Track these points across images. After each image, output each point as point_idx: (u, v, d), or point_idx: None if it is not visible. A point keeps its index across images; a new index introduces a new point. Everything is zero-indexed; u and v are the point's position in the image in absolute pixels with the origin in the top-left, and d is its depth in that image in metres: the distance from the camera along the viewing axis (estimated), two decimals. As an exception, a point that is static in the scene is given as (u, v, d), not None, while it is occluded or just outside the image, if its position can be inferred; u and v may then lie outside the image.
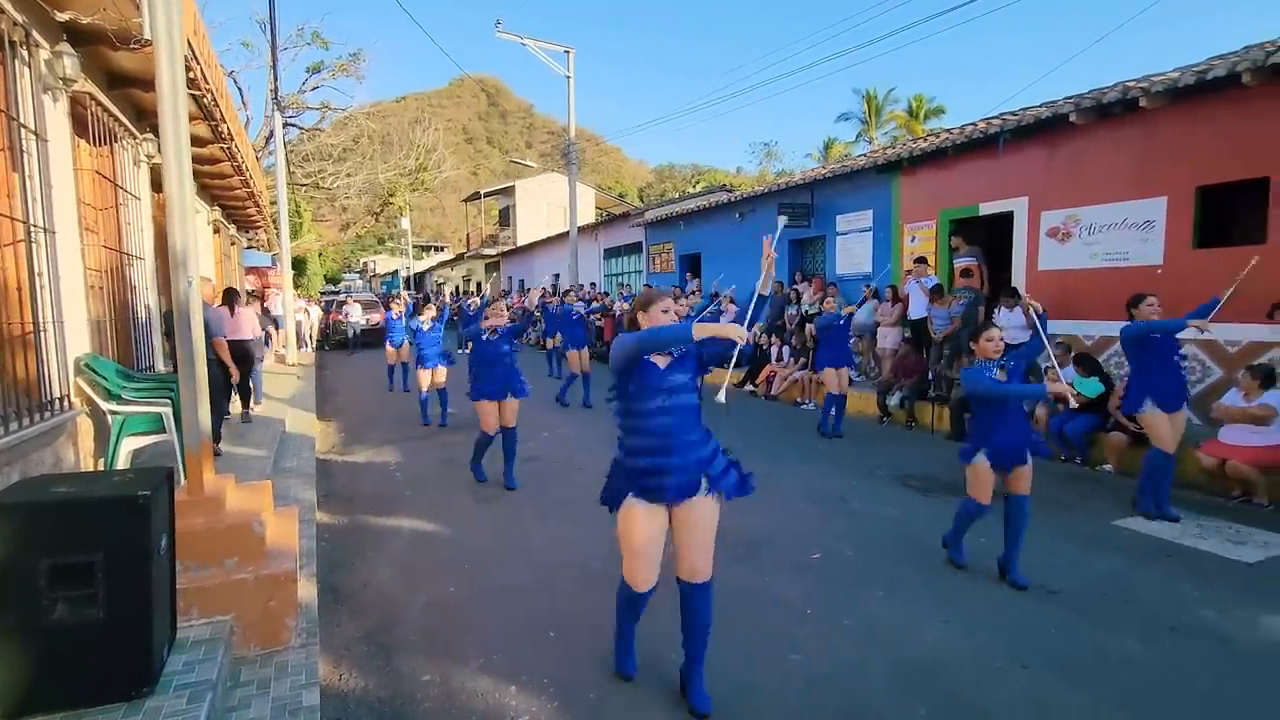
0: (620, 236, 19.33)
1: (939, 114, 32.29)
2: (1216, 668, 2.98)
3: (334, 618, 3.64)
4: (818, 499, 5.47)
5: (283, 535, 3.48)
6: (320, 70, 19.33)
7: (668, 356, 2.81)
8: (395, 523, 5.12)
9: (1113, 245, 7.41)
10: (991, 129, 8.39)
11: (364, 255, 64.71)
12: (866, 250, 10.77)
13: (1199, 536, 4.54)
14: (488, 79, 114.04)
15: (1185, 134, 6.72)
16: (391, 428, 8.58)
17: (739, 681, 2.95)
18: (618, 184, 60.36)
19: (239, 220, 12.74)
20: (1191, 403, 6.54)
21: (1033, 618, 3.46)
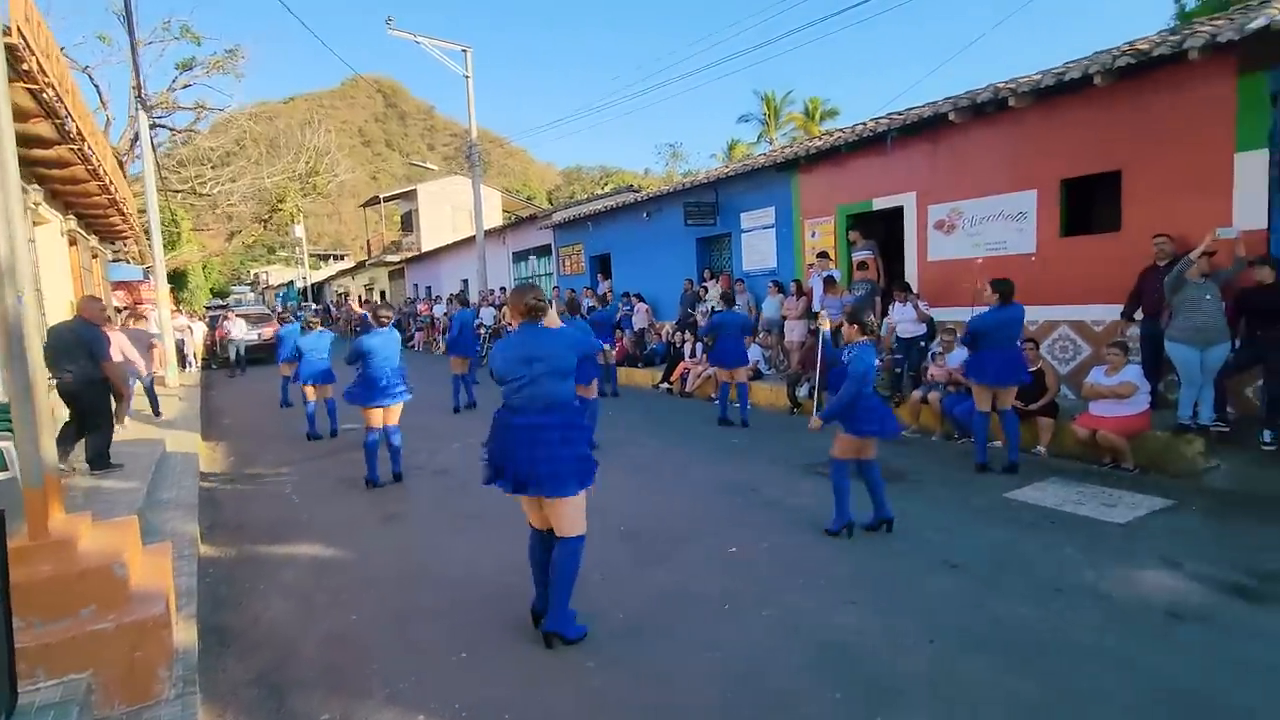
0: (529, 239, 19.01)
1: (833, 115, 33.76)
2: (1097, 624, 3.19)
3: (218, 661, 3.31)
4: (732, 491, 5.51)
5: (152, 576, 3.13)
6: (192, 67, 17.87)
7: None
8: (291, 550, 4.75)
9: (992, 235, 7.93)
10: (880, 128, 8.79)
11: (255, 266, 60.72)
12: (771, 246, 11.06)
13: (1077, 503, 4.89)
14: (384, 80, 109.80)
15: (1049, 131, 7.28)
16: (288, 447, 8.02)
17: (658, 686, 2.89)
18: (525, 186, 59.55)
19: (101, 230, 11.57)
20: (1066, 379, 7.12)
21: (938, 592, 3.60)
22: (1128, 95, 6.59)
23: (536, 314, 3.18)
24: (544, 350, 3.10)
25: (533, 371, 3.07)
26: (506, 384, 3.13)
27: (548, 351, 3.10)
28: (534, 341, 3.13)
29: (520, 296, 3.19)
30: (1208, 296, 5.44)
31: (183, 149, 21.15)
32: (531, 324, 3.18)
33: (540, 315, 3.19)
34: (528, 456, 3.06)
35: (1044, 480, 5.44)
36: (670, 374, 11.07)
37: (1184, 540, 4.12)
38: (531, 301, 3.17)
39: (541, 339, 3.14)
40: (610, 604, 3.65)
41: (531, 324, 3.18)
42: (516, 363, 3.10)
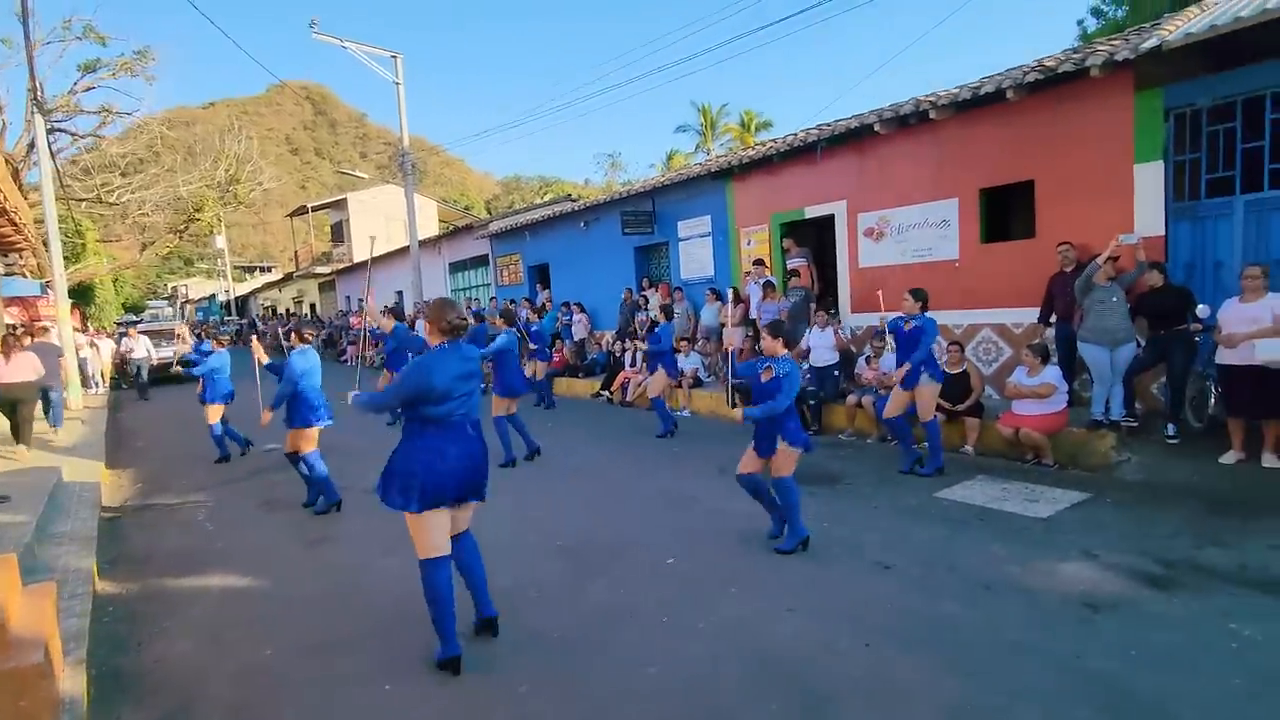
0: (466, 249, 18.63)
1: (767, 127, 34.58)
2: (1022, 618, 3.28)
3: (113, 709, 3.03)
4: (672, 502, 5.47)
5: (33, 620, 2.84)
6: (96, 69, 16.76)
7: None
8: (201, 582, 4.43)
9: (919, 243, 8.20)
10: (811, 138, 8.99)
11: (173, 279, 57.56)
12: (708, 254, 11.15)
13: (1002, 499, 5.06)
14: (313, 86, 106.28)
15: (968, 142, 7.59)
16: (203, 472, 7.53)
17: (596, 703, 2.79)
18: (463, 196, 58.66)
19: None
20: (990, 380, 7.41)
21: (870, 595, 3.63)
22: (1038, 109, 6.93)
23: (459, 333, 3.15)
24: (473, 368, 3.16)
25: (468, 388, 3.11)
26: (446, 403, 3.02)
27: (475, 370, 3.18)
28: (464, 359, 3.13)
29: (443, 314, 3.10)
30: (1114, 299, 5.75)
31: (88, 155, 19.80)
32: (455, 342, 3.14)
33: (463, 334, 3.17)
34: (471, 468, 3.12)
35: (971, 479, 5.61)
36: (610, 383, 10.99)
37: (1099, 532, 4.30)
38: (456, 320, 3.13)
39: (467, 356, 3.17)
40: (545, 622, 3.53)
41: (455, 342, 3.14)
42: (457, 380, 3.05)
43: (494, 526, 5.00)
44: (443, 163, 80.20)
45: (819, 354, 7.86)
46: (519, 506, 5.53)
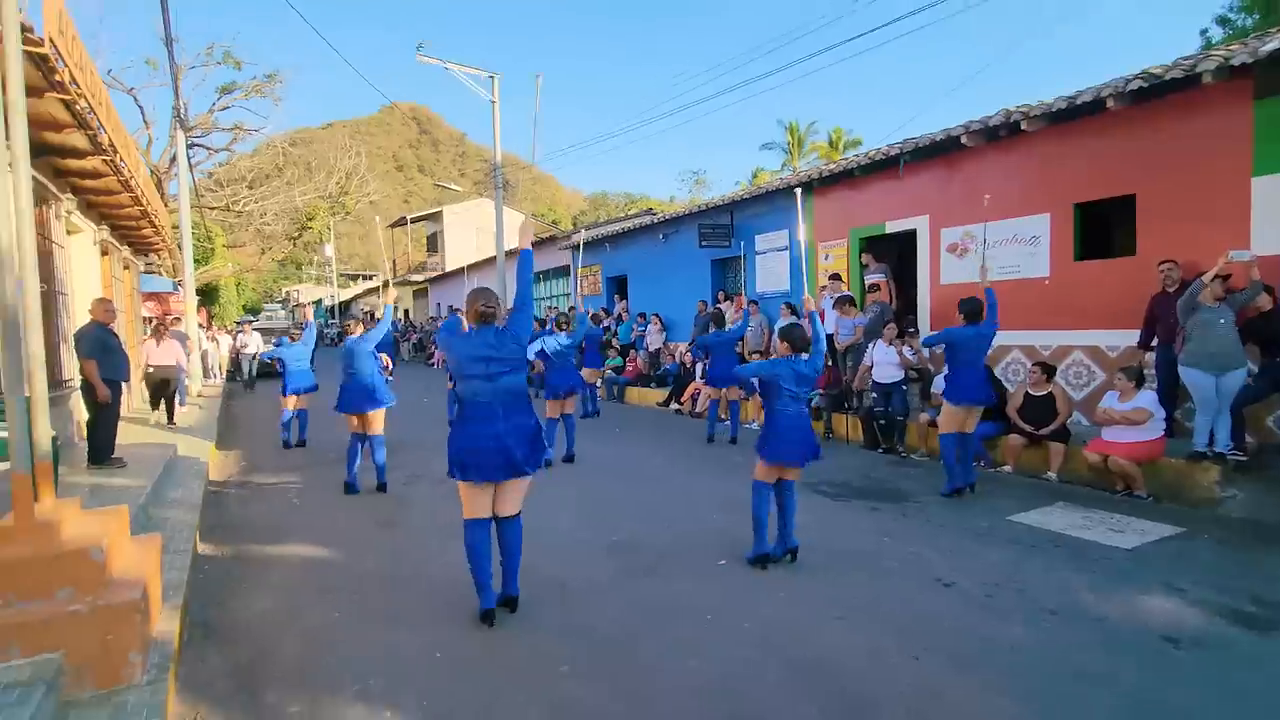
0: (549, 260, 19.24)
1: (856, 145, 33.88)
2: (1089, 646, 3.07)
3: (199, 653, 3.33)
4: (729, 508, 5.42)
5: (135, 564, 3.17)
6: (232, 91, 18.60)
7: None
8: (284, 550, 4.79)
9: (1005, 259, 7.83)
10: (893, 152, 8.79)
11: (287, 284, 62.22)
12: (784, 268, 11.05)
13: (1084, 527, 4.74)
14: (419, 108, 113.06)
15: (1062, 155, 7.22)
16: (300, 455, 8.14)
17: (631, 694, 2.83)
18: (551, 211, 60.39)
19: (134, 242, 11.96)
20: (1081, 406, 6.96)
21: (926, 611, 3.49)
22: (1142, 119, 6.52)
23: (488, 319, 3.37)
24: (493, 354, 3.32)
25: (491, 369, 3.31)
26: (466, 380, 3.35)
27: (496, 355, 3.32)
28: (486, 344, 3.33)
29: (474, 301, 3.39)
30: (1221, 321, 5.29)
31: (220, 169, 21.92)
32: (486, 326, 3.36)
33: (491, 320, 3.37)
34: (496, 449, 3.29)
35: (1051, 505, 5.29)
36: (680, 394, 11.03)
37: (1191, 567, 3.96)
38: (483, 308, 3.36)
39: (491, 342, 3.34)
40: (592, 613, 3.61)
41: (486, 326, 3.36)
42: (472, 360, 3.32)
43: (552, 522, 5.16)
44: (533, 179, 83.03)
45: (882, 370, 7.53)
46: (577, 505, 5.66)
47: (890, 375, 7.48)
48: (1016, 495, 5.58)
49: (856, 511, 5.35)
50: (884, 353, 7.53)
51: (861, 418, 7.92)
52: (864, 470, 6.74)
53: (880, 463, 7.11)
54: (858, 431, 8.09)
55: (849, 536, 4.71)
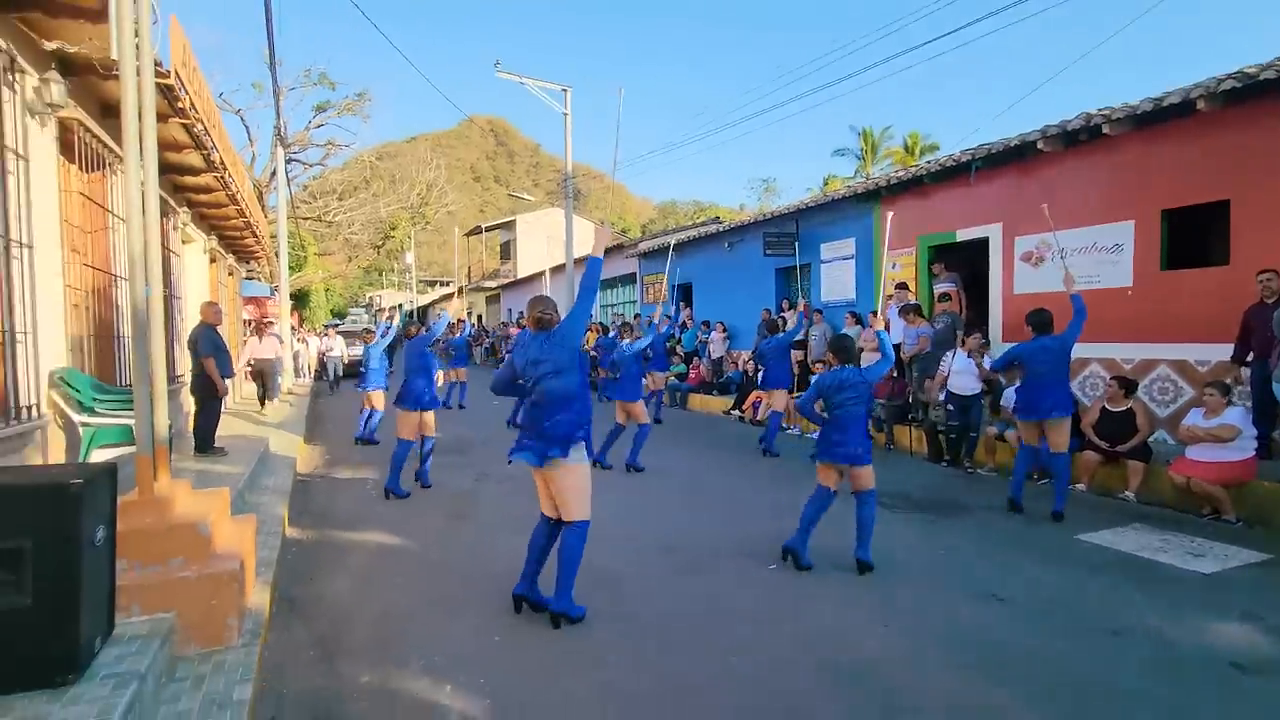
0: (616, 268, 19.59)
1: (933, 150, 32.80)
2: (1149, 669, 2.97)
3: (285, 624, 3.67)
4: (782, 515, 5.44)
5: (234, 540, 3.55)
6: (326, 109, 19.96)
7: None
8: (362, 538, 5.16)
9: (1084, 269, 7.50)
10: (965, 158, 8.58)
11: (371, 290, 65.57)
12: (850, 277, 10.91)
13: (1160, 549, 4.52)
14: (495, 120, 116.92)
15: (1149, 159, 6.88)
16: (377, 451, 8.66)
17: (673, 683, 2.96)
18: (621, 220, 61.27)
19: (237, 250, 13.03)
20: (1166, 423, 6.59)
21: (974, 623, 3.46)
22: (1237, 121, 6.16)
23: (544, 324, 3.55)
24: (548, 354, 3.49)
25: (538, 371, 3.49)
26: (523, 381, 3.59)
27: (550, 355, 3.48)
28: (539, 347, 3.52)
29: (531, 308, 3.61)
30: (1324, 335, 4.96)
31: (314, 182, 23.50)
32: (543, 332, 3.55)
33: (549, 326, 3.55)
34: (535, 434, 3.52)
35: (1126, 525, 5.06)
36: (742, 402, 11.05)
37: (1271, 594, 3.74)
38: (539, 314, 3.57)
39: (545, 345, 3.51)
40: (641, 607, 3.75)
41: (543, 332, 3.55)
42: (528, 364, 3.53)
43: (609, 521, 5.33)
44: (604, 188, 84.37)
45: (960, 381, 7.07)
46: (634, 506, 5.83)
47: (969, 386, 7.04)
48: (1088, 514, 5.36)
49: (913, 524, 5.28)
50: (964, 363, 7.05)
51: (926, 430, 7.75)
52: (925, 483, 6.61)
53: (943, 476, 6.95)
54: (922, 444, 7.91)
55: (902, 548, 4.67)
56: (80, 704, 2.27)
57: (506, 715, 2.74)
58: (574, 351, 3.52)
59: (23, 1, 3.92)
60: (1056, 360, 5.44)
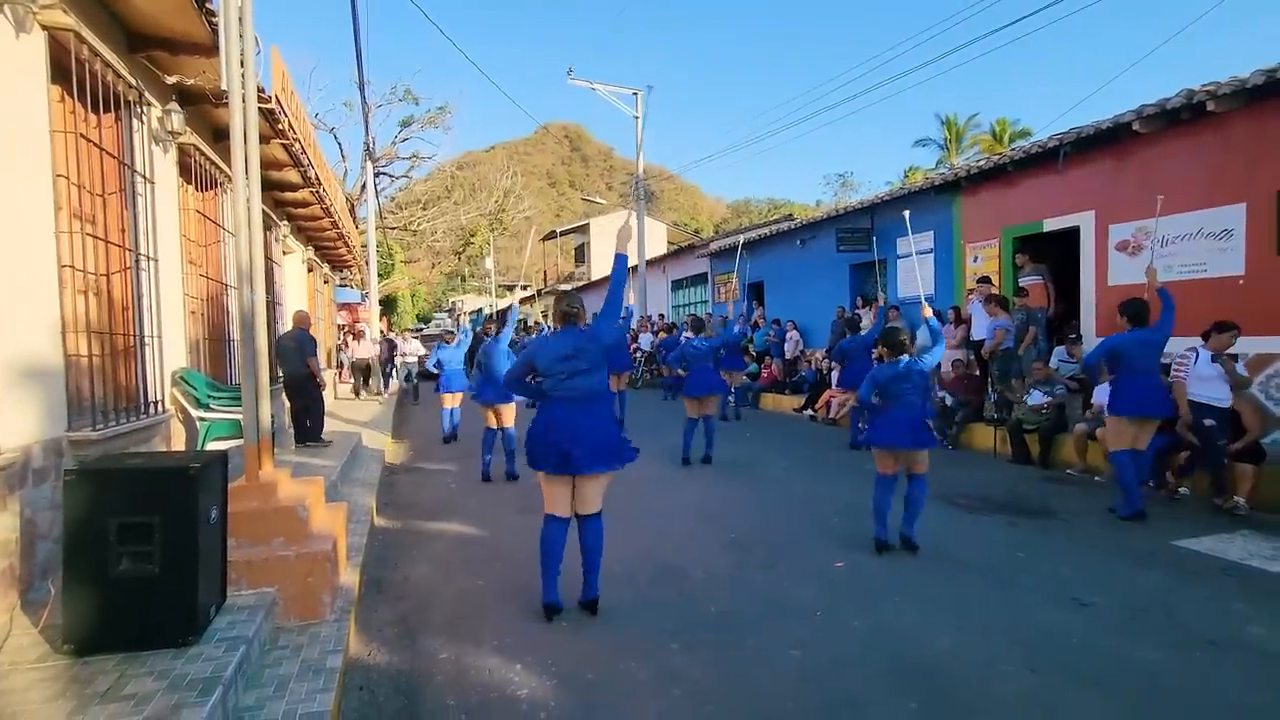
0: (687, 268, 19.65)
1: (1024, 136, 31.01)
2: (1251, 681, 2.78)
3: (372, 603, 3.96)
4: (853, 513, 5.38)
5: (328, 524, 3.85)
6: (411, 124, 21.02)
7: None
8: (441, 527, 5.46)
9: (1189, 256, 6.98)
10: (1052, 144, 8.14)
11: (453, 295, 68.24)
12: (929, 272, 10.54)
13: (1271, 559, 4.18)
14: (570, 126, 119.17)
15: (1260, 137, 6.33)
16: (457, 448, 9.08)
17: (734, 673, 3.01)
18: (694, 220, 61.18)
19: (331, 260, 13.95)
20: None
21: (1055, 628, 3.32)
22: (1366, 89, 5.58)
23: (571, 319, 3.62)
24: (578, 350, 3.50)
25: (570, 367, 3.49)
26: (549, 377, 3.53)
27: (582, 351, 3.50)
28: (570, 343, 3.53)
29: (559, 304, 3.68)
30: None
31: (400, 194, 24.78)
32: (570, 327, 3.61)
33: (575, 321, 3.62)
34: (570, 439, 3.40)
35: (1232, 533, 4.71)
36: (815, 401, 10.88)
37: (1403, 610, 3.39)
38: (566, 309, 3.64)
39: (567, 340, 3.54)
40: (707, 600, 3.81)
41: (570, 327, 3.61)
42: (559, 360, 3.52)
43: (676, 517, 5.43)
44: (676, 189, 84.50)
45: (1207, 390, 5.35)
46: (702, 503, 5.88)
47: (1220, 396, 5.32)
48: (1189, 520, 5.01)
49: (992, 524, 5.09)
50: (1209, 368, 5.41)
51: (1010, 429, 7.40)
52: (1006, 485, 6.33)
53: (1027, 478, 6.63)
54: (1005, 444, 7.56)
55: (979, 548, 4.52)
56: (199, 662, 2.56)
57: (572, 692, 2.88)
58: (605, 349, 3.55)
59: (149, 42, 4.41)
60: (1157, 355, 5.15)
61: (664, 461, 7.50)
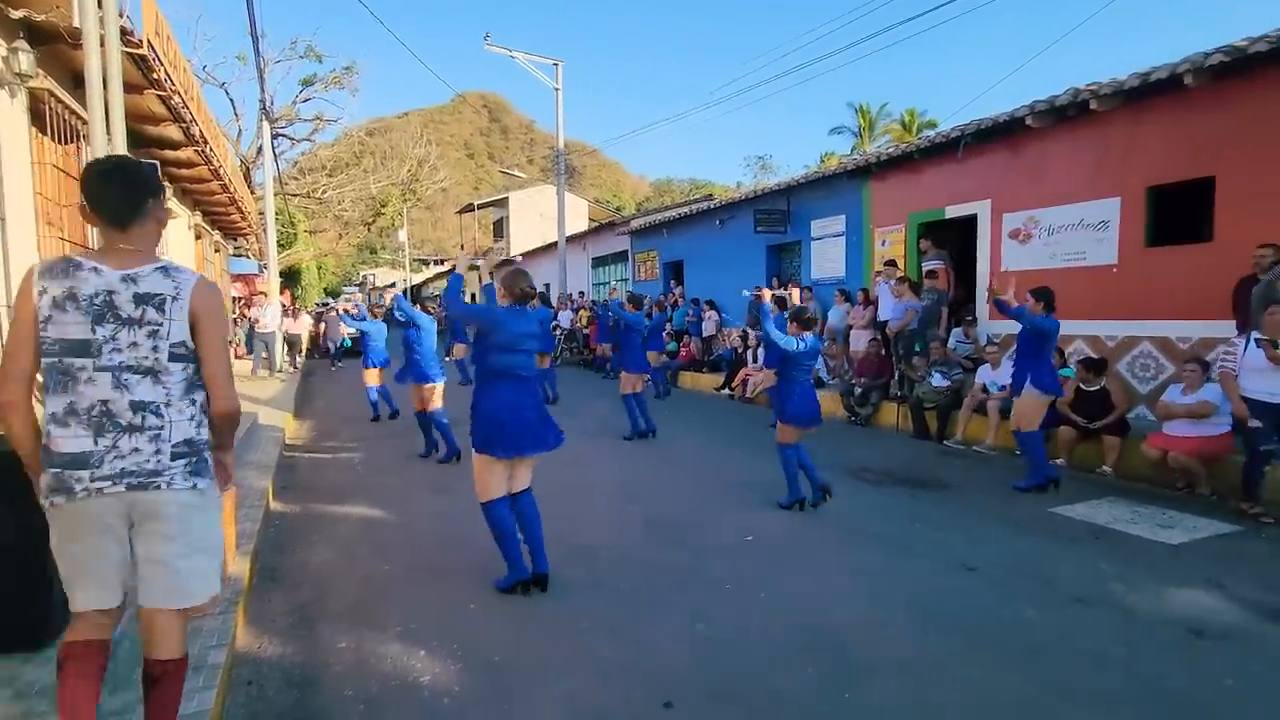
0: (608, 245, 19.52)
1: (931, 126, 32.52)
2: (1108, 633, 3.05)
3: (265, 593, 3.72)
4: (767, 489, 5.52)
5: (213, 510, 3.57)
6: (313, 83, 19.64)
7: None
8: (346, 510, 5.20)
9: (1070, 245, 7.52)
10: (954, 134, 8.54)
11: (365, 268, 65.11)
12: (840, 254, 10.90)
13: (1131, 522, 4.60)
14: (490, 96, 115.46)
15: (1135, 136, 6.86)
16: (366, 426, 8.69)
17: (643, 648, 3.02)
18: (616, 198, 60.85)
19: (224, 227, 12.94)
20: (1148, 400, 6.66)
21: (943, 591, 3.53)
22: (1224, 97, 6.13)
23: (526, 299, 3.55)
24: (531, 329, 3.50)
25: (531, 346, 3.48)
26: (510, 355, 3.44)
27: (532, 330, 3.51)
28: (531, 322, 3.52)
29: (515, 282, 3.56)
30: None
31: (303, 158, 23.24)
32: (520, 306, 3.53)
33: (529, 301, 3.55)
34: (524, 421, 3.41)
35: (1100, 499, 5.14)
36: (732, 379, 11.10)
37: (1236, 564, 3.81)
38: (524, 288, 3.56)
39: (528, 319, 3.51)
40: (619, 578, 3.80)
41: (520, 306, 3.53)
42: (522, 336, 3.47)
43: (592, 496, 5.41)
44: (599, 165, 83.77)
45: (1263, 381, 4.70)
46: (619, 482, 5.89)
47: (1273, 388, 4.67)
48: (1065, 489, 5.42)
49: (893, 496, 5.35)
50: (1260, 359, 4.76)
51: (911, 406, 7.80)
52: (909, 458, 6.69)
53: (926, 452, 7.01)
54: (907, 420, 7.96)
55: (880, 519, 4.74)
56: (51, 666, 2.31)
57: (478, 676, 2.80)
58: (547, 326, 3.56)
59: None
60: (1054, 341, 5.55)
61: (585, 440, 7.47)
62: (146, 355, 1.81)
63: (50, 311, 1.75)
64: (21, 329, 1.76)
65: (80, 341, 1.76)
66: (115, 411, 1.78)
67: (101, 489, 1.75)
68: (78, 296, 1.75)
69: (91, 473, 1.75)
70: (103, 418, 1.77)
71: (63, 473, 1.75)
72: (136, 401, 1.79)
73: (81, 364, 1.76)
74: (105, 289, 1.78)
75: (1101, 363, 6.26)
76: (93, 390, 1.76)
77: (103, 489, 1.76)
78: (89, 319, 1.76)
